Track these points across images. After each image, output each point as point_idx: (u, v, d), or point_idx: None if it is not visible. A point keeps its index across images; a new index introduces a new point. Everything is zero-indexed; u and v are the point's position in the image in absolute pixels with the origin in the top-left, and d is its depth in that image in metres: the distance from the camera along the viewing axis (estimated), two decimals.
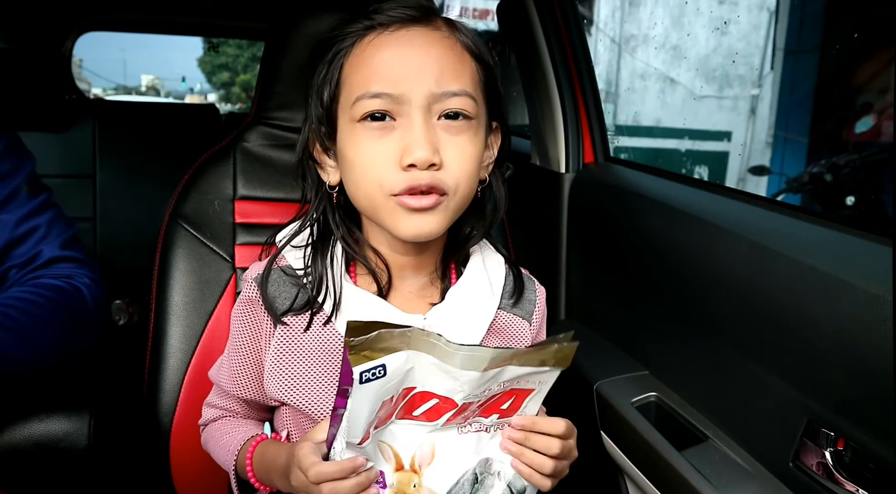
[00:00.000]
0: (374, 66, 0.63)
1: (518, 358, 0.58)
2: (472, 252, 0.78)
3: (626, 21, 7.40)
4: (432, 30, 0.65)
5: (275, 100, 0.98)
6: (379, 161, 0.63)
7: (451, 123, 0.64)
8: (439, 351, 0.56)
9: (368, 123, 0.63)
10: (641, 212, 1.08)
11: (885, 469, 0.65)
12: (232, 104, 21.80)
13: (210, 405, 0.82)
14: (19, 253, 0.91)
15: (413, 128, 0.62)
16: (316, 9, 0.91)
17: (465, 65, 0.66)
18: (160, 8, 2.51)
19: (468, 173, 0.66)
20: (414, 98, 0.62)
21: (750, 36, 6.94)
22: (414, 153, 0.61)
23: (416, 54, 0.63)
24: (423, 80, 0.62)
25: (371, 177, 0.64)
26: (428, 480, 0.61)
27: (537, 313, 0.81)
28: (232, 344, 0.77)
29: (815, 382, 0.71)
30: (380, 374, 0.55)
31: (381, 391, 0.56)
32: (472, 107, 0.65)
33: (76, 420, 0.79)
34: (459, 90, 0.64)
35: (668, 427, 0.91)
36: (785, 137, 5.90)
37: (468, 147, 0.65)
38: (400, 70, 0.62)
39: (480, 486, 0.63)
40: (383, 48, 0.63)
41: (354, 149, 0.65)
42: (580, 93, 1.36)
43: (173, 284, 0.93)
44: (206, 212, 0.95)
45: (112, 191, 2.01)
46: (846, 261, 0.70)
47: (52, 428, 0.78)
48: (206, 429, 0.83)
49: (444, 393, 0.59)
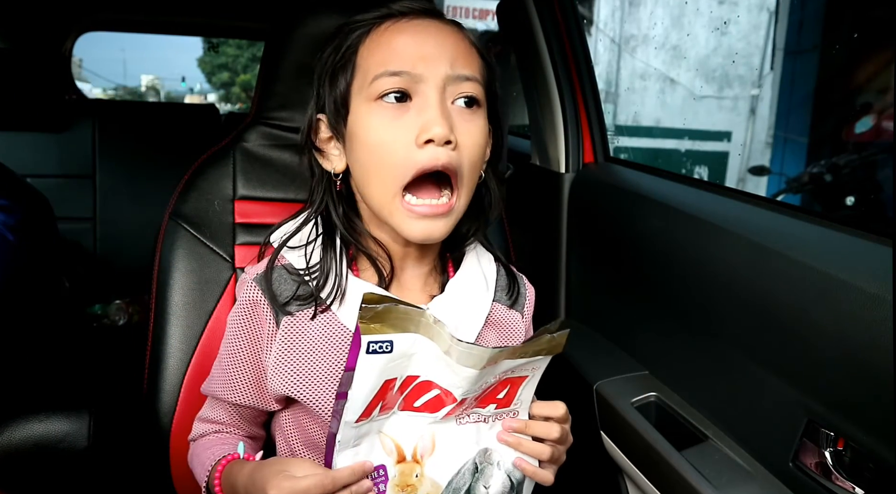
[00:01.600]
0: (393, 47, 0.66)
1: (513, 353, 0.60)
2: (467, 249, 0.79)
3: (626, 21, 7.40)
4: (444, 24, 0.69)
5: (275, 100, 0.98)
6: (396, 141, 0.64)
7: (463, 108, 0.67)
8: (442, 341, 0.58)
9: (384, 103, 0.65)
10: (641, 211, 1.08)
11: (885, 469, 0.65)
12: (232, 104, 21.79)
13: (201, 419, 0.81)
14: None
15: (430, 105, 0.64)
16: (316, 9, 0.91)
17: (474, 57, 0.69)
18: (160, 8, 2.51)
19: (478, 158, 0.69)
20: (431, 77, 0.64)
21: (750, 36, 6.94)
22: (432, 129, 0.62)
23: (433, 39, 0.66)
24: (439, 61, 0.65)
25: (389, 159, 0.65)
26: (430, 470, 0.63)
27: (528, 306, 0.84)
28: (228, 346, 0.76)
29: (815, 382, 0.71)
30: (387, 350, 0.56)
31: (385, 367, 0.57)
32: (481, 95, 0.68)
33: (76, 421, 0.79)
34: (472, 75, 0.67)
35: (668, 427, 0.91)
36: (785, 137, 5.90)
37: (479, 133, 0.68)
38: (417, 50, 0.65)
39: (480, 475, 0.64)
40: (401, 32, 0.66)
41: (368, 129, 0.66)
42: (580, 93, 1.36)
43: (173, 284, 0.93)
44: (206, 211, 0.95)
45: (112, 191, 2.01)
46: (846, 261, 0.70)
47: (52, 429, 0.79)
48: (193, 445, 0.81)
49: (445, 385, 0.60)
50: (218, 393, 0.77)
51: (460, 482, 0.64)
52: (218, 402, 0.79)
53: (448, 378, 0.60)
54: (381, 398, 0.59)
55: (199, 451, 0.78)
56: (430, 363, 0.60)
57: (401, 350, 0.57)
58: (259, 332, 0.74)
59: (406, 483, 0.62)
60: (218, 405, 0.79)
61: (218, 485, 0.72)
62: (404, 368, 0.59)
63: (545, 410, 0.68)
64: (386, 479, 0.62)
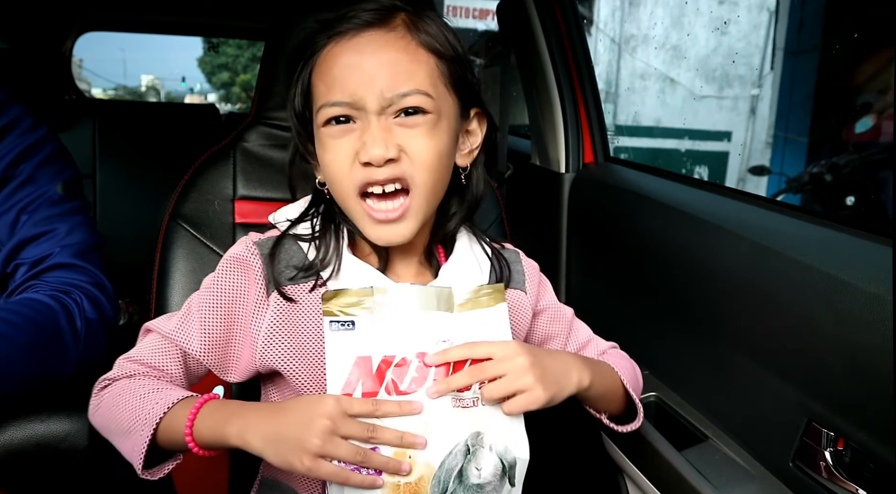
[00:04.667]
0: (333, 75, 0.68)
1: (456, 298, 0.69)
2: (458, 236, 0.80)
3: (626, 21, 7.40)
4: (386, 32, 0.69)
5: (274, 100, 0.98)
6: (341, 158, 0.69)
7: (406, 120, 0.68)
8: (398, 298, 0.66)
9: (332, 126, 0.69)
10: (641, 211, 1.08)
11: (885, 469, 0.65)
12: (232, 104, 21.80)
13: (131, 360, 0.72)
14: (31, 252, 0.89)
15: (369, 129, 0.67)
16: (316, 9, 0.91)
17: (420, 63, 0.69)
18: (160, 8, 2.51)
19: (430, 163, 0.69)
20: (368, 103, 0.67)
21: (750, 36, 6.94)
22: (369, 151, 0.66)
23: (370, 59, 0.67)
24: (375, 85, 0.67)
25: (337, 174, 0.69)
26: (423, 450, 0.64)
27: (530, 283, 0.84)
28: (205, 297, 0.72)
29: (815, 382, 0.71)
30: (349, 327, 0.64)
31: (352, 344, 0.64)
32: (427, 103, 0.68)
33: (77, 421, 0.79)
34: (411, 90, 0.67)
35: (668, 427, 0.91)
36: (785, 137, 5.90)
37: (425, 139, 0.69)
38: (354, 77, 0.67)
39: (473, 457, 0.66)
40: (339, 57, 0.68)
41: (322, 150, 0.71)
42: (580, 93, 1.36)
43: (173, 284, 0.93)
44: (206, 212, 0.95)
45: (112, 191, 2.01)
46: (846, 261, 0.70)
47: (53, 429, 0.78)
48: (115, 384, 0.71)
49: (420, 349, 0.65)
50: (177, 338, 0.71)
51: (452, 462, 0.65)
52: (168, 347, 0.72)
53: (418, 340, 0.65)
54: (359, 376, 0.63)
55: (136, 388, 0.69)
56: (397, 333, 0.65)
57: (363, 327, 0.64)
58: (244, 295, 0.72)
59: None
60: (166, 350, 0.72)
61: (190, 421, 0.64)
62: (377, 346, 0.64)
63: (478, 351, 0.67)
64: None
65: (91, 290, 0.91)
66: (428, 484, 0.64)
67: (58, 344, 0.83)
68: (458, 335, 0.67)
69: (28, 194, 0.91)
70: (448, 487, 0.65)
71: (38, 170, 0.93)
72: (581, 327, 0.89)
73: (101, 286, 0.93)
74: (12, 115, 0.93)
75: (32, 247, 0.90)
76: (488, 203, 1.04)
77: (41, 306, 0.83)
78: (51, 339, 0.82)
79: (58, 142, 0.99)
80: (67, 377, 0.85)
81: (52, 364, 0.83)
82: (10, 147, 0.92)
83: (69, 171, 0.98)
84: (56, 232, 0.91)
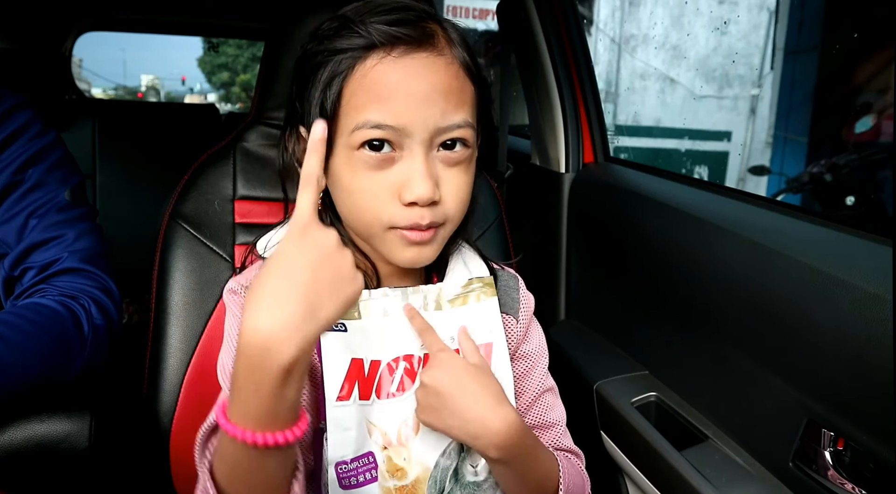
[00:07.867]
0: (378, 94, 0.60)
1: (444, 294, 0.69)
2: (450, 257, 0.76)
3: (626, 21, 7.40)
4: (436, 55, 0.62)
5: (275, 99, 0.98)
6: (378, 193, 0.61)
7: (448, 154, 0.62)
8: (385, 302, 0.66)
9: (367, 152, 0.60)
10: (641, 211, 1.08)
11: (885, 469, 0.65)
12: (232, 104, 21.80)
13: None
14: (40, 257, 0.89)
15: (414, 162, 0.60)
16: (316, 9, 0.91)
17: (466, 90, 0.64)
18: (160, 8, 2.51)
19: (463, 203, 0.65)
20: (417, 132, 0.60)
21: (750, 36, 6.95)
22: (415, 190, 0.60)
23: (422, 85, 0.60)
24: (428, 113, 0.60)
25: (369, 208, 0.63)
26: (416, 451, 0.65)
27: (523, 312, 0.77)
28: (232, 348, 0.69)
29: (815, 382, 0.71)
30: (341, 329, 0.64)
31: (346, 345, 0.63)
32: (471, 137, 0.64)
33: (77, 421, 0.79)
34: (462, 122, 0.62)
35: (668, 427, 0.91)
36: (785, 137, 5.90)
37: (464, 177, 0.64)
38: (404, 101, 0.59)
39: (467, 455, 0.66)
40: (387, 75, 0.60)
41: (351, 176, 0.62)
42: (580, 93, 1.36)
43: (173, 284, 0.93)
44: (206, 211, 0.95)
45: (112, 191, 2.01)
46: (846, 261, 0.70)
47: (53, 429, 0.78)
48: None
49: (406, 350, 0.66)
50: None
51: (447, 462, 0.65)
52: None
53: (405, 343, 0.66)
54: (354, 377, 0.63)
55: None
56: (385, 338, 0.65)
57: (354, 330, 0.64)
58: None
59: (396, 468, 0.64)
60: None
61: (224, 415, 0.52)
62: (367, 350, 0.64)
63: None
64: (375, 465, 0.64)
65: (99, 296, 0.91)
66: (424, 485, 0.65)
67: (65, 350, 0.83)
68: (448, 332, 0.67)
69: (37, 199, 0.91)
70: (445, 487, 0.65)
71: (47, 175, 0.93)
72: (555, 407, 0.77)
73: (109, 291, 0.93)
74: (21, 120, 0.94)
75: (41, 252, 0.90)
76: (488, 203, 1.04)
77: (49, 312, 0.83)
78: (58, 345, 0.82)
79: (64, 148, 0.99)
80: (75, 376, 0.85)
81: (58, 369, 0.83)
82: (19, 151, 0.92)
83: (76, 178, 0.98)
84: (64, 237, 0.91)
